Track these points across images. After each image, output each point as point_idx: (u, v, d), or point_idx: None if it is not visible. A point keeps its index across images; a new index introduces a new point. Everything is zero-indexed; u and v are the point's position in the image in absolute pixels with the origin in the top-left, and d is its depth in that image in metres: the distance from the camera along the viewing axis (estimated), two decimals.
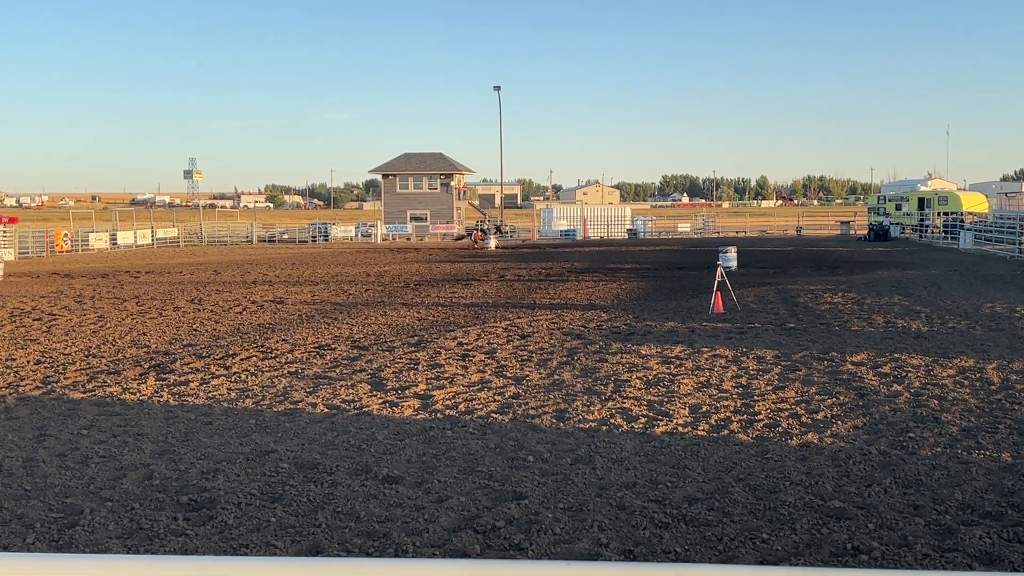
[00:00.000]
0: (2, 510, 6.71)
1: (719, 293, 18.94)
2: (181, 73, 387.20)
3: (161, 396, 10.82)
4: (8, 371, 12.63)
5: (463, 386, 11.20)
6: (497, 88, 75.89)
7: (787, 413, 9.53)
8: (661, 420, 9.24)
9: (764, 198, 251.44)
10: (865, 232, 60.47)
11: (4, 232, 50.42)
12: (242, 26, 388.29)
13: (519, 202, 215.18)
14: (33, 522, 6.46)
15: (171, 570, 1.74)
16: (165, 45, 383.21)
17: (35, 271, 36.41)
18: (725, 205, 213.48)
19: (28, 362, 13.39)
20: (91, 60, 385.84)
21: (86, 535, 6.17)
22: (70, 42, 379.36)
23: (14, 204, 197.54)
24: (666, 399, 10.26)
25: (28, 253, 51.85)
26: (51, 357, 13.85)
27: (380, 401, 10.37)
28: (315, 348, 14.45)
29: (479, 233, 55.46)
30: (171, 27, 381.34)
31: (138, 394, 10.95)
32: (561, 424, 9.15)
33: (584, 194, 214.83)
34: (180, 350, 14.42)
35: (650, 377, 11.58)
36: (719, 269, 19.98)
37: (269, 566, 1.61)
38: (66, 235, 56.28)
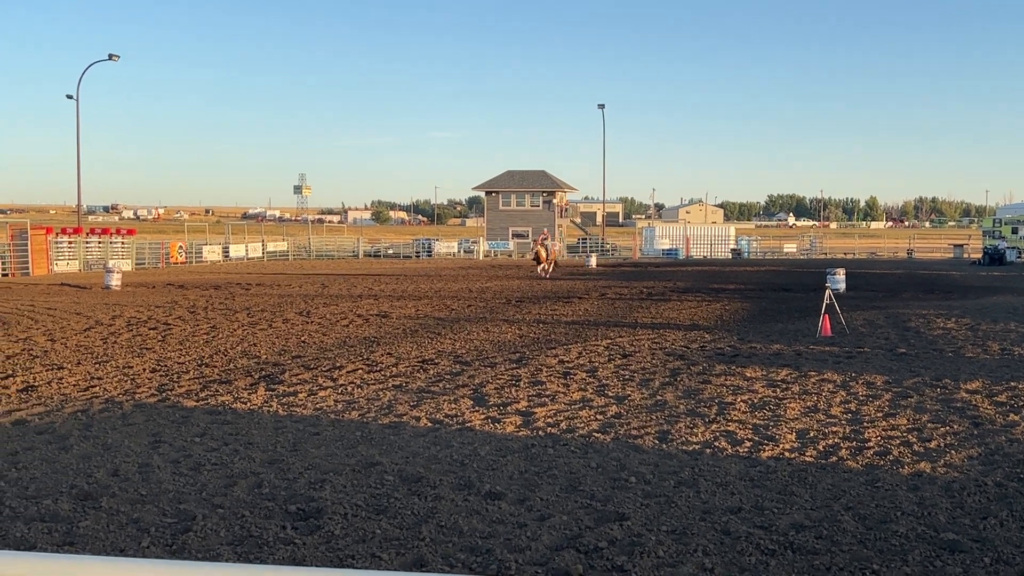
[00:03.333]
0: (119, 514, 6.95)
1: (827, 316, 18.54)
2: (292, 92, 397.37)
3: (271, 406, 11.08)
4: (125, 378, 13.09)
5: (564, 404, 11.19)
6: (601, 106, 75.88)
7: (898, 441, 9.27)
8: (767, 444, 9.08)
9: (873, 219, 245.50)
10: (979, 256, 58.45)
11: (122, 244, 52.34)
12: (350, 48, 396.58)
13: (621, 220, 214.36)
14: (148, 526, 6.67)
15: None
16: (277, 66, 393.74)
17: (151, 281, 37.69)
18: (833, 226, 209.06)
19: (144, 370, 13.86)
20: (206, 79, 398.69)
21: (198, 541, 6.35)
22: (188, 62, 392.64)
23: (132, 216, 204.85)
24: (772, 423, 10.08)
25: (144, 264, 53.71)
26: (166, 365, 14.31)
27: (482, 417, 10.43)
28: (419, 362, 14.61)
29: (536, 242, 42.81)
30: (283, 49, 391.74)
31: (248, 404, 11.23)
32: (664, 445, 9.07)
33: (687, 213, 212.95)
34: (289, 361, 14.74)
35: (755, 400, 11.40)
36: (827, 291, 19.56)
37: None
38: (181, 247, 58.15)
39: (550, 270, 41.43)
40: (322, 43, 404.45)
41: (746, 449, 8.92)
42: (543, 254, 41.07)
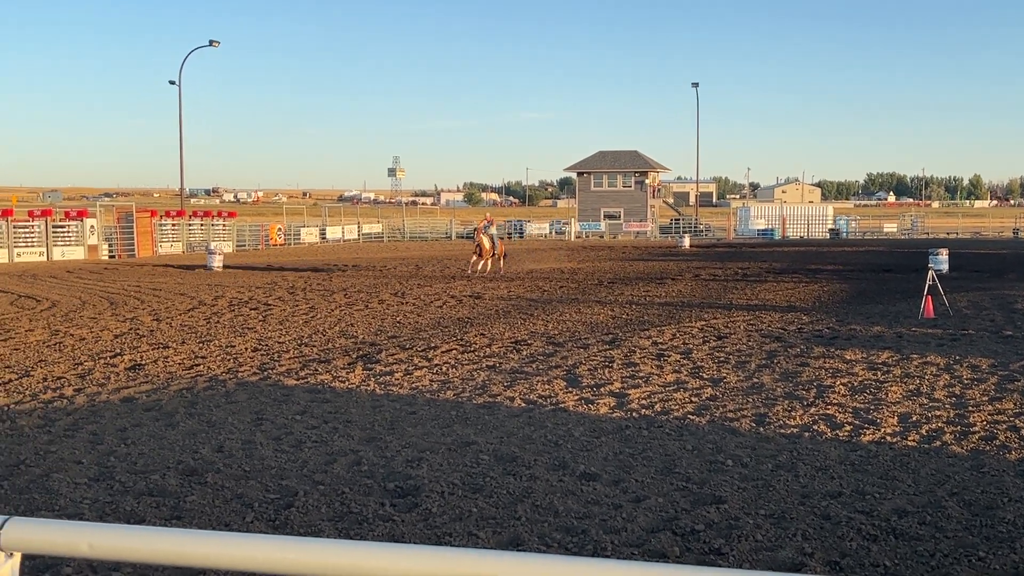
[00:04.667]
0: (224, 489, 7.16)
1: (929, 297, 18.05)
2: (386, 76, 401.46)
3: (368, 385, 11.27)
4: (228, 357, 13.44)
5: (658, 386, 11.13)
6: (695, 85, 74.94)
7: (1005, 426, 8.99)
8: (868, 428, 8.90)
9: (977, 198, 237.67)
10: None
11: (223, 226, 53.68)
12: (442, 30, 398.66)
13: (714, 200, 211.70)
14: (252, 502, 6.85)
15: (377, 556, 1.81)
16: (372, 50, 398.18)
17: (251, 263, 38.59)
18: (935, 205, 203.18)
19: (246, 349, 14.21)
20: (303, 64, 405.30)
21: (300, 516, 6.50)
22: (285, 47, 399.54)
23: (232, 199, 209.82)
24: (873, 407, 9.87)
25: (245, 246, 55.01)
26: (266, 345, 14.65)
27: (576, 398, 10.44)
28: (512, 343, 14.68)
29: (479, 230, 31.56)
30: (375, 33, 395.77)
31: (347, 382, 11.44)
32: (761, 429, 8.96)
33: (783, 192, 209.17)
34: (385, 341, 14.96)
35: (855, 383, 11.17)
36: (930, 272, 19.03)
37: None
38: (279, 229, 59.40)
39: (489, 267, 30.72)
40: (415, 26, 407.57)
41: (846, 433, 8.75)
42: (486, 245, 30.36)
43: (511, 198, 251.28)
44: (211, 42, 57.38)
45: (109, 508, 6.72)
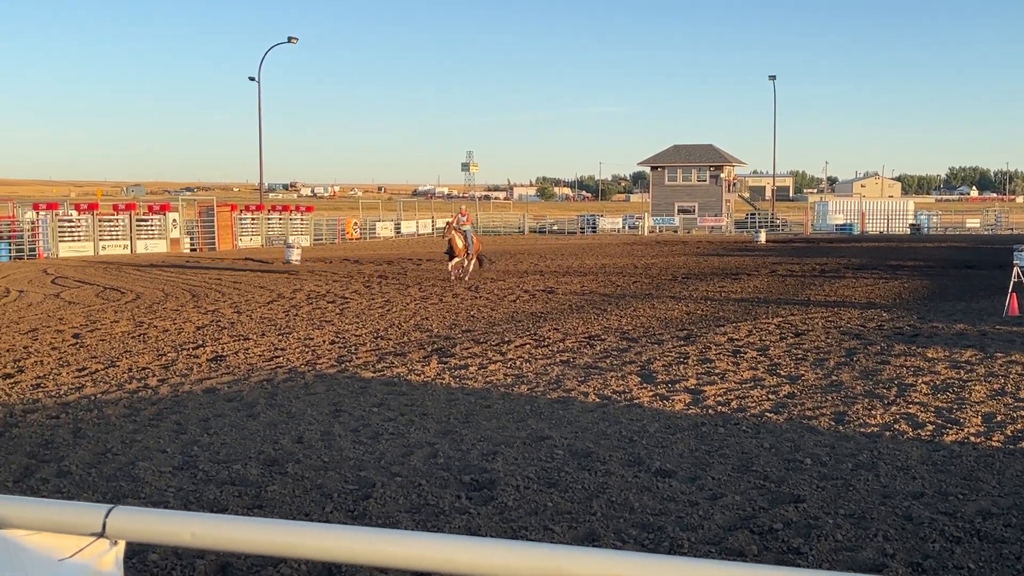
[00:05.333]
0: (304, 480, 7.28)
1: (1015, 295, 17.57)
2: (460, 72, 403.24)
3: (443, 378, 11.36)
4: (307, 350, 13.65)
5: (735, 383, 11.02)
6: (772, 78, 73.95)
7: None
8: (951, 428, 8.71)
9: None
10: None
11: (301, 220, 54.49)
12: (516, 26, 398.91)
13: (791, 195, 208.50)
14: (331, 492, 6.96)
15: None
16: (445, 46, 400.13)
17: (328, 256, 39.12)
18: (1019, 200, 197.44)
19: (324, 342, 14.42)
20: (379, 61, 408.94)
21: (378, 507, 6.59)
22: (362, 43, 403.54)
23: (309, 194, 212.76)
24: (956, 406, 9.66)
25: (322, 240, 55.78)
26: (344, 338, 14.85)
27: (650, 394, 10.39)
28: (585, 338, 14.67)
29: (449, 226, 27.44)
30: (451, 30, 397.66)
31: (422, 376, 11.55)
32: (840, 427, 8.82)
33: (862, 186, 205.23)
34: (459, 335, 15.06)
35: (937, 382, 10.93)
36: (1015, 268, 18.52)
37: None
38: (355, 223, 60.10)
39: (470, 269, 27.02)
40: (489, 22, 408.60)
41: (928, 433, 8.58)
42: (458, 244, 26.26)
43: (584, 192, 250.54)
44: (290, 39, 58.25)
45: (193, 497, 6.88)
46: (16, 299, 21.57)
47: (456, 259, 26.44)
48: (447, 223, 30.34)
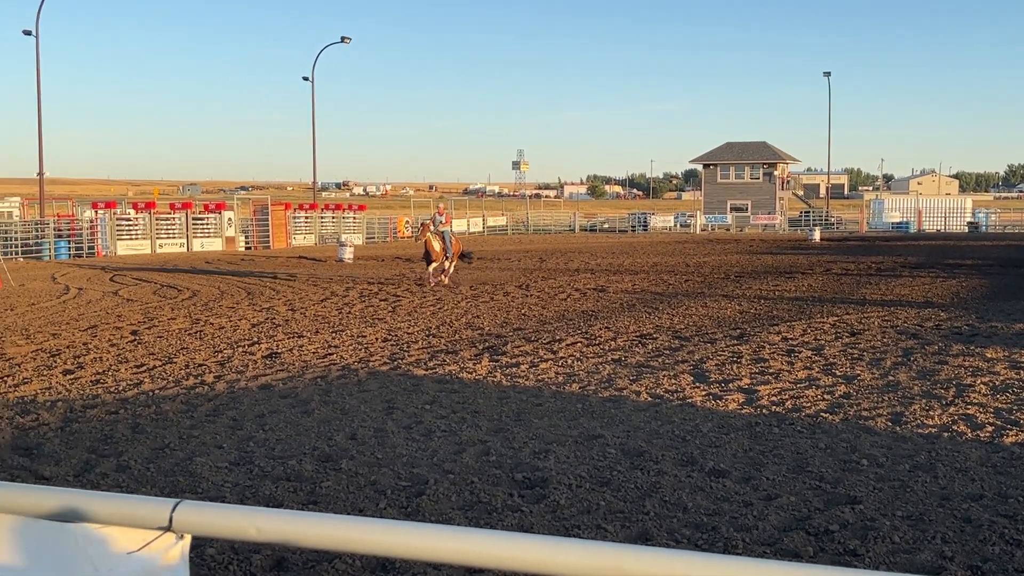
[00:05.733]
0: (358, 476, 7.34)
1: None
2: (511, 70, 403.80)
3: (495, 376, 11.38)
4: (359, 347, 13.76)
5: (789, 382, 10.91)
6: (827, 74, 73.13)
7: None
8: (1011, 429, 8.54)
9: None
10: None
11: (354, 219, 54.92)
12: (566, 24, 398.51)
13: (846, 192, 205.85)
14: (385, 488, 7.01)
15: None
16: (496, 45, 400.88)
17: (380, 255, 39.39)
18: None
19: (376, 339, 14.52)
20: (430, 60, 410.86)
21: (431, 504, 6.62)
22: (413, 42, 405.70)
23: (362, 193, 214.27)
24: (1016, 407, 9.47)
25: (374, 238, 56.18)
26: (396, 335, 14.94)
27: (703, 393, 10.33)
28: (637, 336, 14.61)
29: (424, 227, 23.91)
30: (501, 28, 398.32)
31: (474, 373, 11.58)
32: (897, 428, 8.69)
33: (918, 184, 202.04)
34: (510, 333, 15.08)
35: (997, 383, 10.73)
36: None
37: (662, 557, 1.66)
38: (407, 222, 60.43)
39: (451, 270, 24.48)
40: (539, 20, 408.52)
41: (988, 434, 8.43)
42: (435, 248, 23.52)
43: (635, 191, 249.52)
44: (343, 39, 58.70)
45: (249, 492, 6.97)
46: (76, 296, 21.99)
47: (434, 264, 23.79)
48: (421, 223, 25.77)
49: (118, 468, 7.57)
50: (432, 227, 23.90)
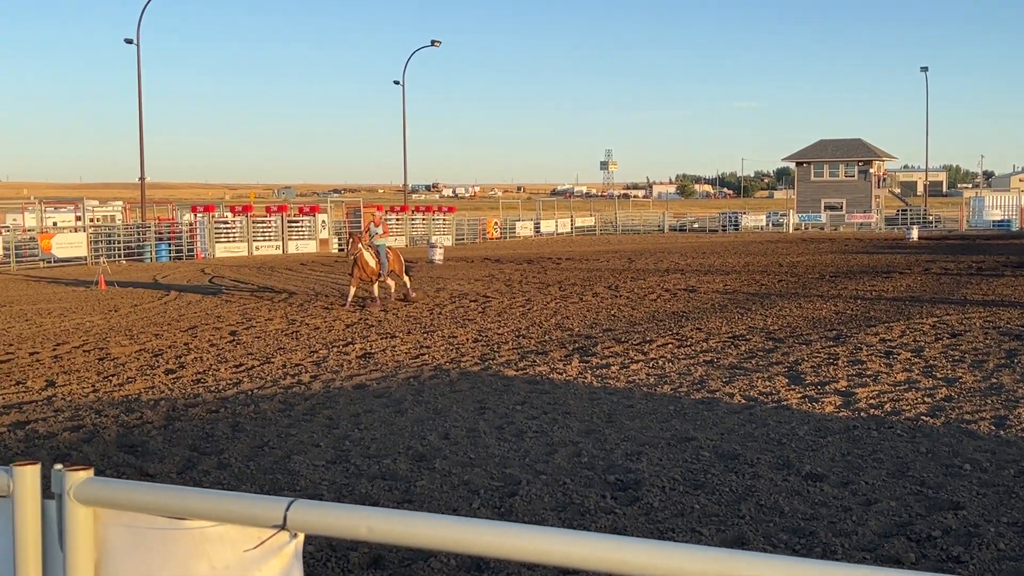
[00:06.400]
0: (451, 475, 7.41)
1: None
2: (599, 70, 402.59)
3: (585, 377, 11.37)
4: (451, 347, 13.88)
5: (888, 385, 10.66)
6: (924, 69, 71.29)
7: None
8: None
9: None
10: None
11: (444, 220, 55.40)
12: (654, 23, 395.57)
13: (944, 190, 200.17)
14: (478, 488, 7.06)
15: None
16: (584, 45, 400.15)
17: (469, 256, 39.65)
18: None
19: (467, 340, 14.63)
20: (518, 62, 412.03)
21: (524, 505, 6.65)
22: (501, 44, 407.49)
23: (451, 194, 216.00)
24: None
25: (463, 239, 56.56)
26: (486, 336, 15.03)
27: (799, 395, 10.16)
28: (729, 338, 14.44)
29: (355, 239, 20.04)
30: (589, 27, 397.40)
31: (564, 374, 11.59)
32: (1002, 432, 8.44)
33: (1020, 181, 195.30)
34: (600, 334, 15.04)
35: None
36: None
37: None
38: (496, 223, 60.71)
39: (392, 288, 21.04)
40: (627, 18, 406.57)
41: None
42: (369, 264, 19.79)
43: (725, 189, 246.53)
44: (433, 42, 59.27)
45: (345, 490, 7.09)
46: (176, 298, 22.63)
47: (373, 286, 20.11)
48: (351, 235, 21.32)
49: (219, 466, 7.77)
50: (368, 239, 20.25)
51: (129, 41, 44.75)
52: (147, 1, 44.43)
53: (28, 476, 1.92)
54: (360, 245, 19.74)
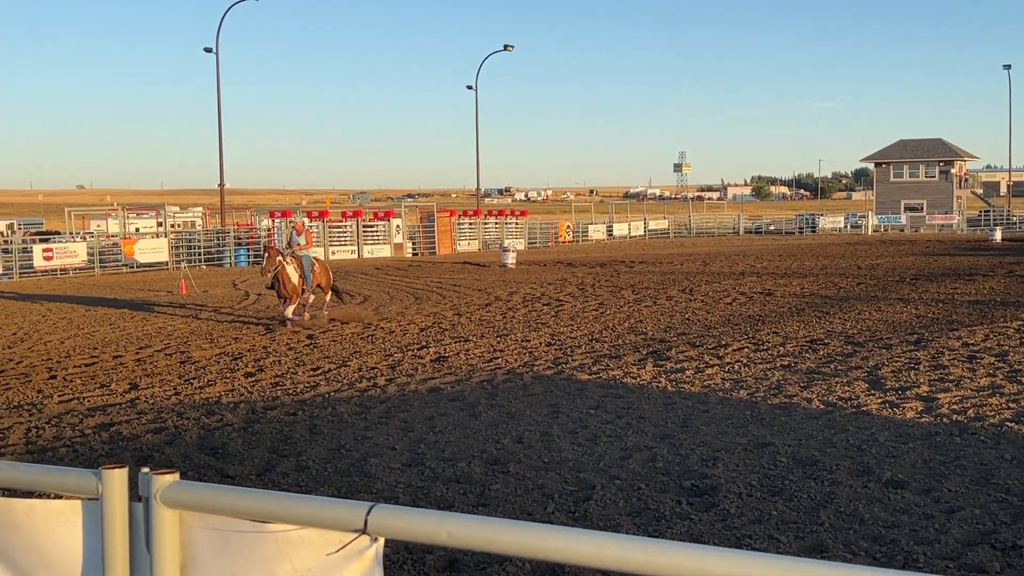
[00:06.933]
0: (525, 479, 7.42)
1: None
2: (671, 70, 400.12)
3: (659, 382, 11.30)
4: (524, 351, 13.90)
5: (971, 390, 10.40)
6: (1007, 67, 69.40)
7: None
8: None
9: None
10: None
11: (516, 224, 55.50)
12: (728, 21, 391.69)
13: None
14: (552, 493, 7.06)
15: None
16: (655, 45, 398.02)
17: (541, 260, 39.66)
18: None
19: (540, 344, 14.64)
20: (589, 64, 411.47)
21: (598, 509, 6.63)
22: (571, 50, 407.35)
23: (523, 199, 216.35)
24: None
25: (536, 243, 56.60)
26: (559, 340, 15.02)
27: (879, 401, 9.97)
28: (807, 342, 14.22)
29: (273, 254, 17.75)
30: (661, 27, 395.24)
31: (638, 379, 11.53)
32: None
33: None
34: (674, 338, 14.93)
35: None
36: None
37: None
38: (568, 227, 60.65)
39: (321, 304, 19.12)
40: (698, 17, 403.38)
41: None
42: (291, 279, 17.53)
43: (802, 191, 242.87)
44: (506, 47, 59.46)
45: (421, 493, 7.14)
46: (255, 302, 23.03)
47: (291, 306, 17.53)
48: (265, 247, 19.63)
49: (297, 468, 7.89)
50: (288, 250, 18.31)
51: (208, 50, 45.70)
52: (226, 10, 45.43)
53: (116, 479, 1.98)
54: (279, 258, 17.55)
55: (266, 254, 18.11)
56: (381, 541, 1.80)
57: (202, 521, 1.94)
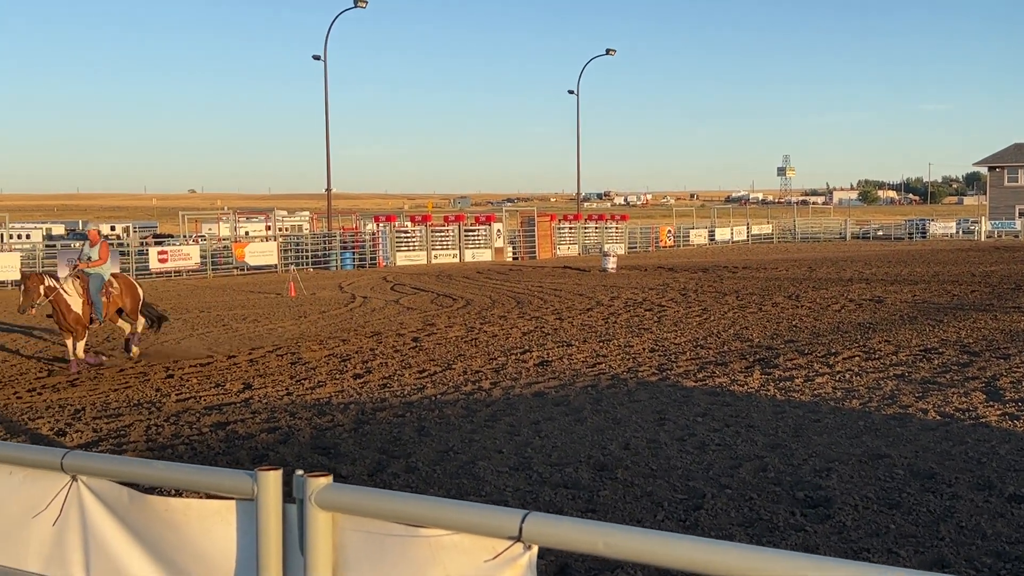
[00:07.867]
0: (633, 486, 7.39)
1: None
2: (774, 72, 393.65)
3: (767, 390, 11.13)
4: (627, 357, 13.84)
5: None
6: None
7: None
8: None
9: None
10: None
11: (616, 229, 55.30)
12: (834, 22, 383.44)
13: None
14: (661, 500, 7.02)
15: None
16: (760, 47, 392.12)
17: (642, 264, 39.43)
18: None
19: (643, 349, 14.56)
20: (690, 69, 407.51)
21: (709, 519, 6.57)
22: (672, 54, 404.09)
23: (622, 203, 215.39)
24: None
25: (636, 248, 56.30)
26: (663, 346, 14.92)
27: (998, 412, 9.64)
28: (920, 351, 13.84)
29: (34, 281, 13.52)
30: (765, 29, 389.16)
31: (745, 386, 11.37)
32: None
33: None
34: (782, 345, 14.69)
35: None
36: None
37: None
38: (669, 231, 60.18)
39: (137, 330, 15.21)
40: (803, 17, 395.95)
41: None
42: (72, 307, 13.82)
43: (911, 195, 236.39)
44: (607, 51, 59.31)
45: (529, 497, 7.18)
46: (361, 305, 23.44)
47: (78, 343, 13.87)
48: (23, 275, 15.11)
49: (407, 469, 8.00)
50: (71, 270, 14.72)
51: (317, 58, 46.70)
52: (334, 18, 46.35)
53: (271, 481, 2.05)
54: (47, 283, 13.79)
55: (22, 285, 13.89)
56: (535, 549, 1.82)
57: (355, 524, 1.99)
